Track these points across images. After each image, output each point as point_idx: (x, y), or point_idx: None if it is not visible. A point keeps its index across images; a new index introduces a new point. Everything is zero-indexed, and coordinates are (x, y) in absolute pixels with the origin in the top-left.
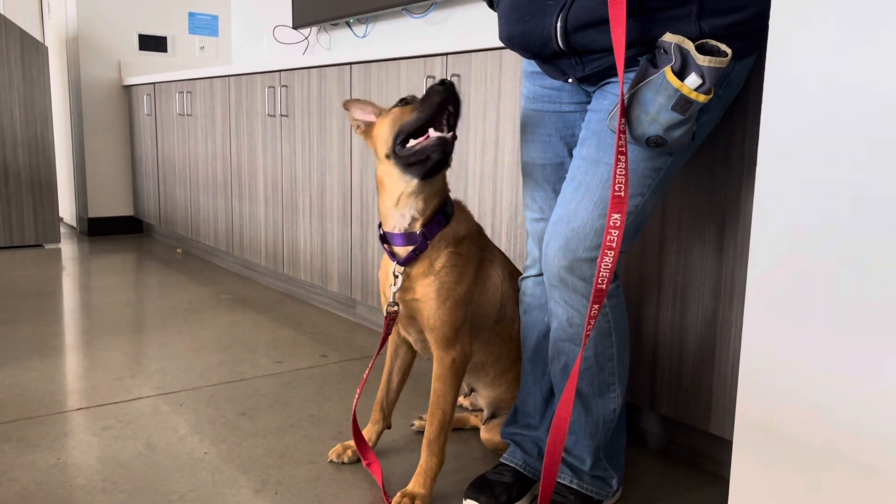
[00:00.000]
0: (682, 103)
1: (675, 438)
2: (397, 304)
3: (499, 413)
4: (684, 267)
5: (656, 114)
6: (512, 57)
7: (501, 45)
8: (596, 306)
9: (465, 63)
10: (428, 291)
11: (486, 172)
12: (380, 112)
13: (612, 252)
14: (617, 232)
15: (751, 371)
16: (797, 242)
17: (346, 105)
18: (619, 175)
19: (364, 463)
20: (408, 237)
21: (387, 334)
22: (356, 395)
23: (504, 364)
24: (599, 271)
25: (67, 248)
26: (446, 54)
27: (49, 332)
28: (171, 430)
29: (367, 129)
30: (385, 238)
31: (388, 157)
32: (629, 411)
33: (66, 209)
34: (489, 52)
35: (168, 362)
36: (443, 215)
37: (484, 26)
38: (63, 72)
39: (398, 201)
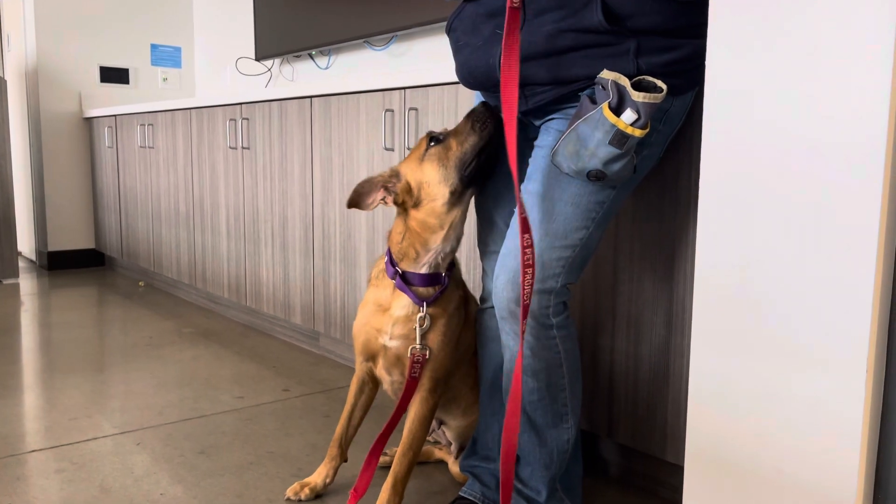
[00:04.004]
0: (619, 138)
1: (633, 466)
2: (424, 346)
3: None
4: (637, 296)
5: (595, 148)
6: (467, 91)
7: (457, 79)
8: (524, 322)
9: (423, 97)
10: (436, 333)
11: None
12: (395, 172)
13: (531, 270)
14: (530, 250)
15: (699, 399)
16: (740, 271)
17: (355, 202)
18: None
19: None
20: (431, 278)
21: (415, 380)
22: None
23: (478, 392)
24: (524, 288)
25: (26, 284)
26: (404, 88)
27: (4, 372)
28: (128, 471)
29: (401, 189)
30: (405, 278)
31: (453, 191)
32: (587, 440)
33: (25, 243)
34: (445, 86)
35: (127, 400)
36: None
37: (441, 59)
38: (22, 104)
39: (447, 234)
